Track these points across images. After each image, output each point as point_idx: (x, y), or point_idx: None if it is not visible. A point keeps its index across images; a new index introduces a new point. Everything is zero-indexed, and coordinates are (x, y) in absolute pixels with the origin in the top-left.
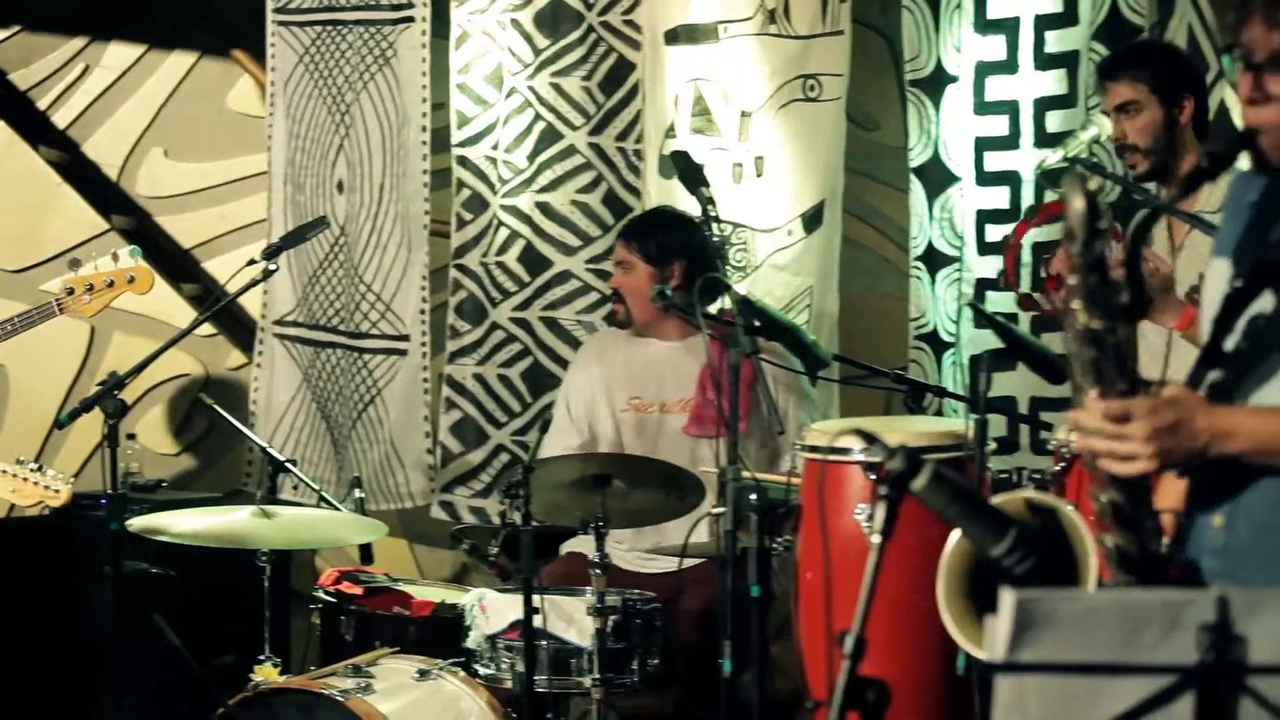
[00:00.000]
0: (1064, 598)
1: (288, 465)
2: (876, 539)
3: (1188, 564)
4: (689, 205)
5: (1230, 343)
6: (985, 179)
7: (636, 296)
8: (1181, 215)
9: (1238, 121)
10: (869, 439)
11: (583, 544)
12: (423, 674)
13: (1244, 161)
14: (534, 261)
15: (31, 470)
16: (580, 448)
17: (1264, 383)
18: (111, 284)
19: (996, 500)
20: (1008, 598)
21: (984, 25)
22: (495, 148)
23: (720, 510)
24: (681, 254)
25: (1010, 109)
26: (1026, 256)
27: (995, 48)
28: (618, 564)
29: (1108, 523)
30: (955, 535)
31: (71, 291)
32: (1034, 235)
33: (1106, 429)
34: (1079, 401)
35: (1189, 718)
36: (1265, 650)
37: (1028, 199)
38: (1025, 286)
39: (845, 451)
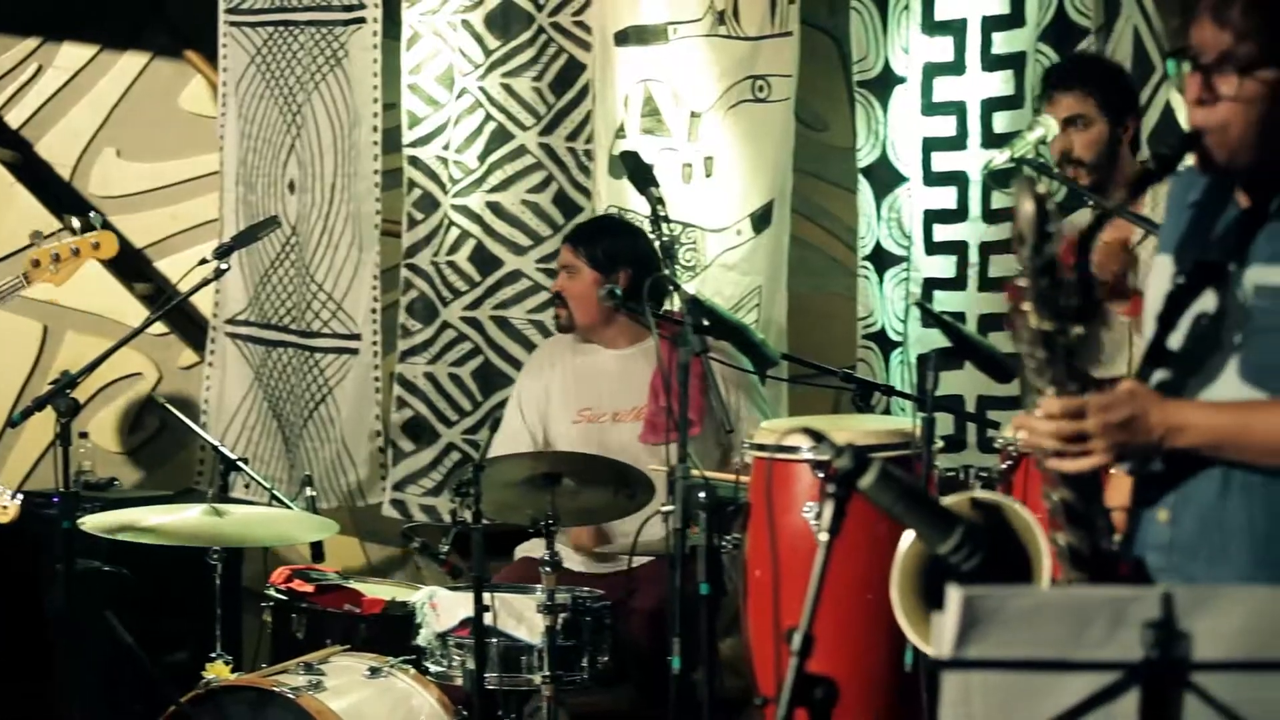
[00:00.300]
0: (1011, 594)
1: (239, 464)
2: (824, 537)
3: (1136, 561)
4: (639, 205)
5: (1174, 341)
6: (933, 179)
7: (580, 301)
8: (1130, 217)
9: (1184, 125)
10: (817, 437)
11: (536, 548)
12: (374, 671)
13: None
14: (485, 261)
15: None
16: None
17: (1210, 382)
18: (77, 251)
19: (949, 501)
20: (955, 594)
21: (931, 26)
22: (446, 148)
23: (669, 508)
24: (628, 260)
25: (958, 110)
26: (974, 257)
27: (943, 49)
28: (569, 566)
29: (1060, 521)
30: (909, 534)
31: (38, 264)
32: (981, 235)
33: (1062, 428)
34: (1030, 403)
35: (1134, 714)
36: (1209, 647)
37: (975, 199)
38: (975, 287)
39: (793, 450)
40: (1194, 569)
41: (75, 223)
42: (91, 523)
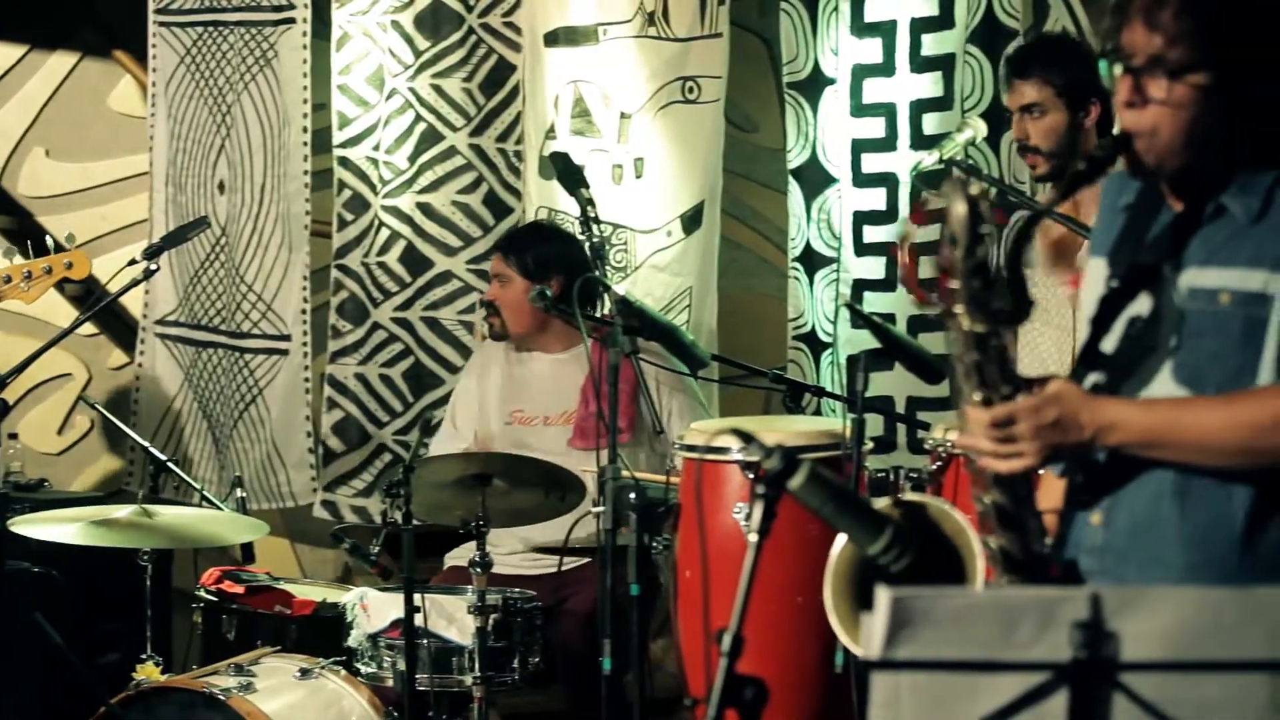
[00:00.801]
0: (940, 595)
1: (169, 464)
2: (754, 537)
3: (1068, 564)
4: (569, 206)
5: (1108, 344)
6: (862, 180)
7: (512, 310)
8: (1059, 218)
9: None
10: (746, 438)
11: (464, 557)
12: (304, 673)
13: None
14: (415, 262)
15: None
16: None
17: (1144, 384)
18: (50, 270)
19: (882, 504)
20: (883, 596)
21: (861, 28)
22: (376, 148)
23: (600, 509)
24: (560, 267)
25: (887, 111)
26: (905, 257)
27: (872, 50)
28: (500, 569)
29: (991, 524)
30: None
31: (9, 280)
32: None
33: (995, 435)
34: (962, 405)
35: (1062, 714)
36: (1138, 647)
37: (904, 200)
38: (904, 288)
39: (723, 451)
40: (1126, 572)
41: (49, 240)
42: (21, 524)
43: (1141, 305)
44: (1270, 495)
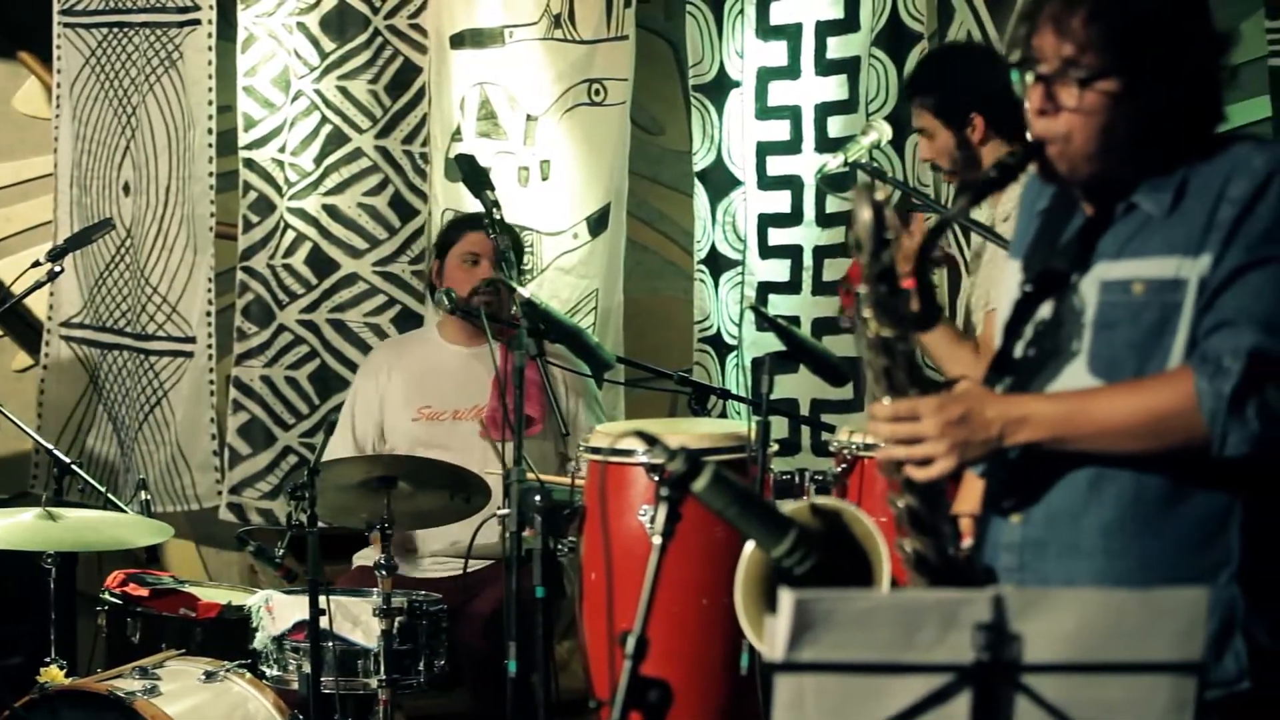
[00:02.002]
0: (842, 598)
1: (74, 467)
2: (658, 540)
3: (984, 566)
4: (475, 208)
5: (1021, 348)
6: (767, 183)
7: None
8: (969, 223)
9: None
10: (650, 441)
11: (373, 556)
12: (209, 675)
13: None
14: (321, 264)
15: None
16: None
17: (1050, 380)
18: None
19: (790, 508)
20: (786, 598)
21: (766, 31)
22: (282, 150)
23: (505, 511)
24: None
25: (792, 114)
26: (808, 261)
27: (777, 53)
28: (405, 571)
29: (906, 528)
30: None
31: None
32: (815, 239)
33: (899, 431)
34: (870, 408)
35: (965, 716)
36: (1040, 649)
37: (809, 203)
38: (809, 291)
39: (628, 453)
40: (1045, 566)
41: None
42: None
43: (1053, 309)
44: (1184, 481)
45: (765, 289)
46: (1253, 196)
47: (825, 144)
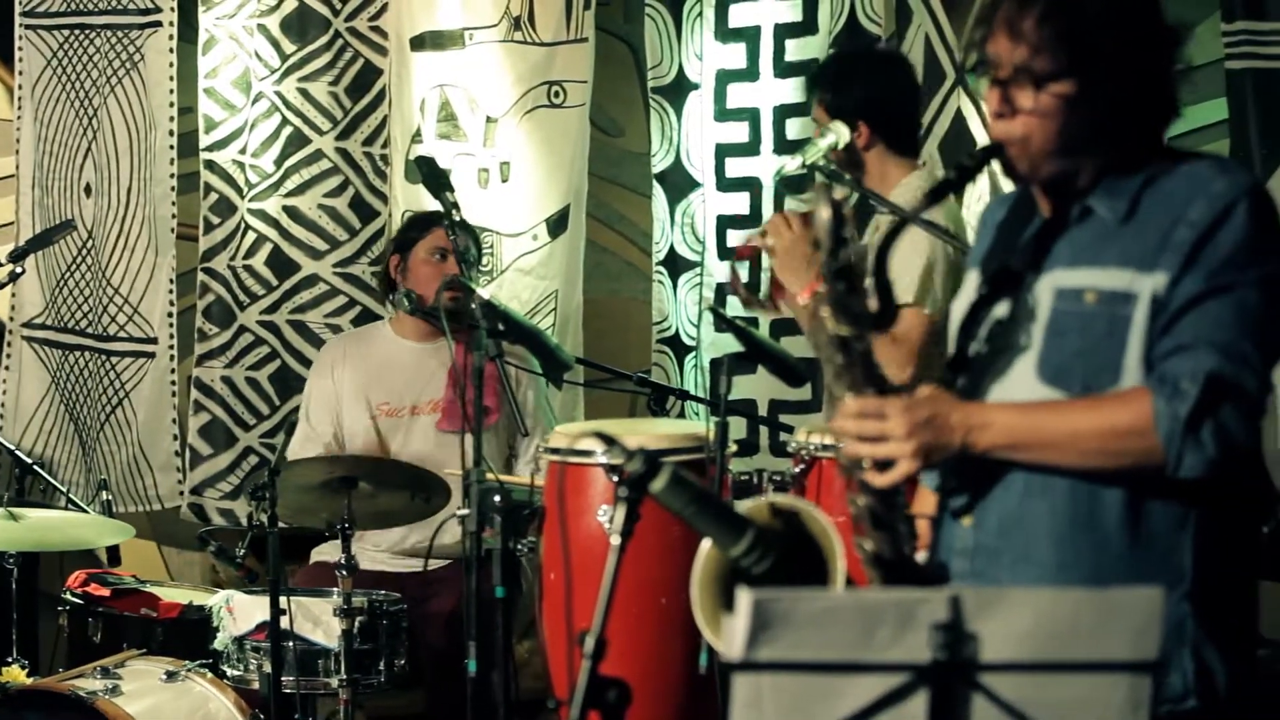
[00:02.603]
0: (800, 597)
1: (35, 467)
2: (616, 540)
3: (939, 567)
4: (435, 209)
5: (975, 349)
6: (726, 185)
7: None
8: (927, 225)
9: (975, 131)
10: (609, 441)
11: (332, 552)
12: (170, 675)
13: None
14: (281, 265)
15: None
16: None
17: (998, 380)
18: None
19: (748, 506)
20: (744, 598)
21: (725, 33)
22: (243, 152)
23: (465, 512)
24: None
25: (751, 116)
26: (767, 262)
27: (736, 55)
28: (365, 565)
29: (864, 528)
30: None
31: None
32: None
33: (865, 428)
34: (831, 411)
35: (923, 715)
36: (997, 648)
37: (768, 205)
38: (763, 294)
39: (587, 454)
40: (997, 572)
41: None
42: None
43: (1006, 309)
44: (1138, 497)
45: (724, 290)
46: (1213, 223)
47: (784, 146)
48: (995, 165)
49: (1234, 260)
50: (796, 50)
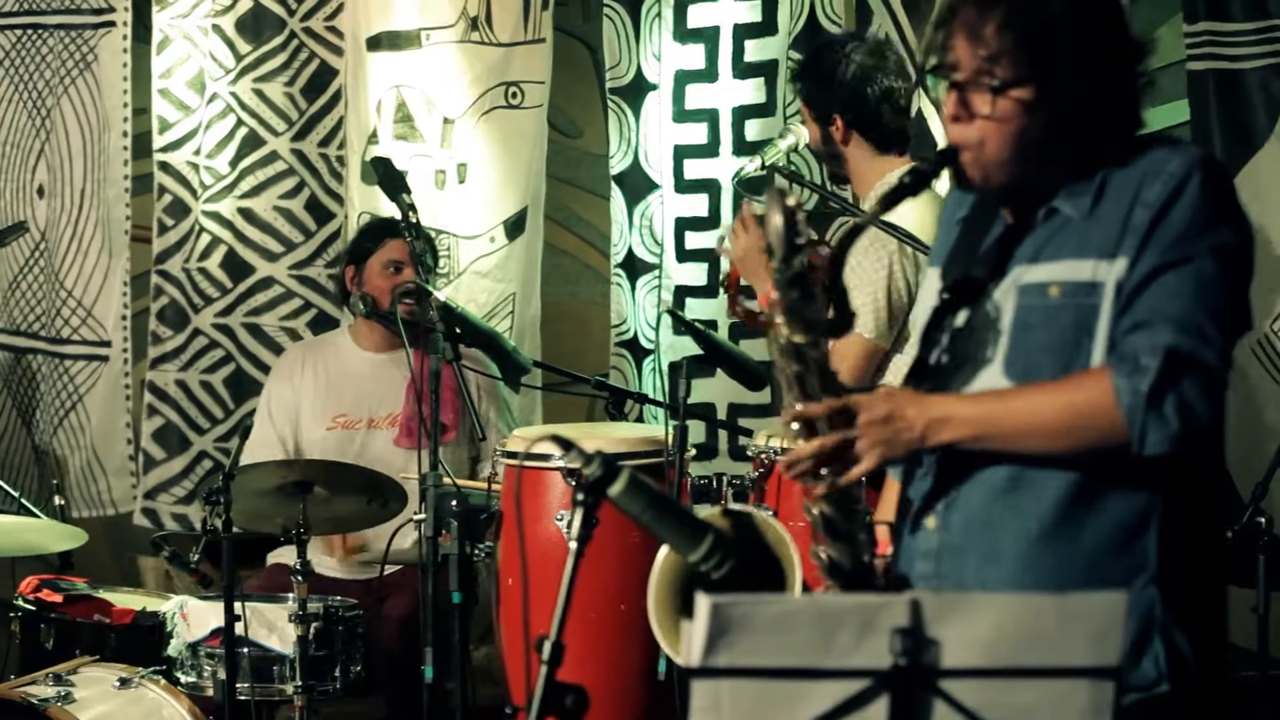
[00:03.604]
0: (759, 603)
1: None
2: (574, 545)
3: (900, 574)
4: (392, 211)
5: (938, 354)
6: (685, 187)
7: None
8: (884, 227)
9: (936, 133)
10: (566, 445)
11: (288, 555)
12: (124, 682)
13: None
14: (236, 267)
15: None
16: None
17: (966, 385)
18: None
19: (706, 514)
20: (702, 603)
21: (683, 34)
22: (197, 153)
23: (421, 516)
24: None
25: (709, 117)
26: (726, 265)
27: (694, 56)
28: (321, 571)
29: (821, 535)
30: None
31: None
32: None
33: (828, 441)
34: (786, 420)
35: None
36: (958, 654)
37: (727, 207)
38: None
39: (544, 458)
40: (963, 573)
41: None
42: None
43: (970, 315)
44: (1102, 485)
45: (682, 293)
46: (1168, 199)
47: (743, 147)
48: None
49: (1188, 233)
50: (756, 51)
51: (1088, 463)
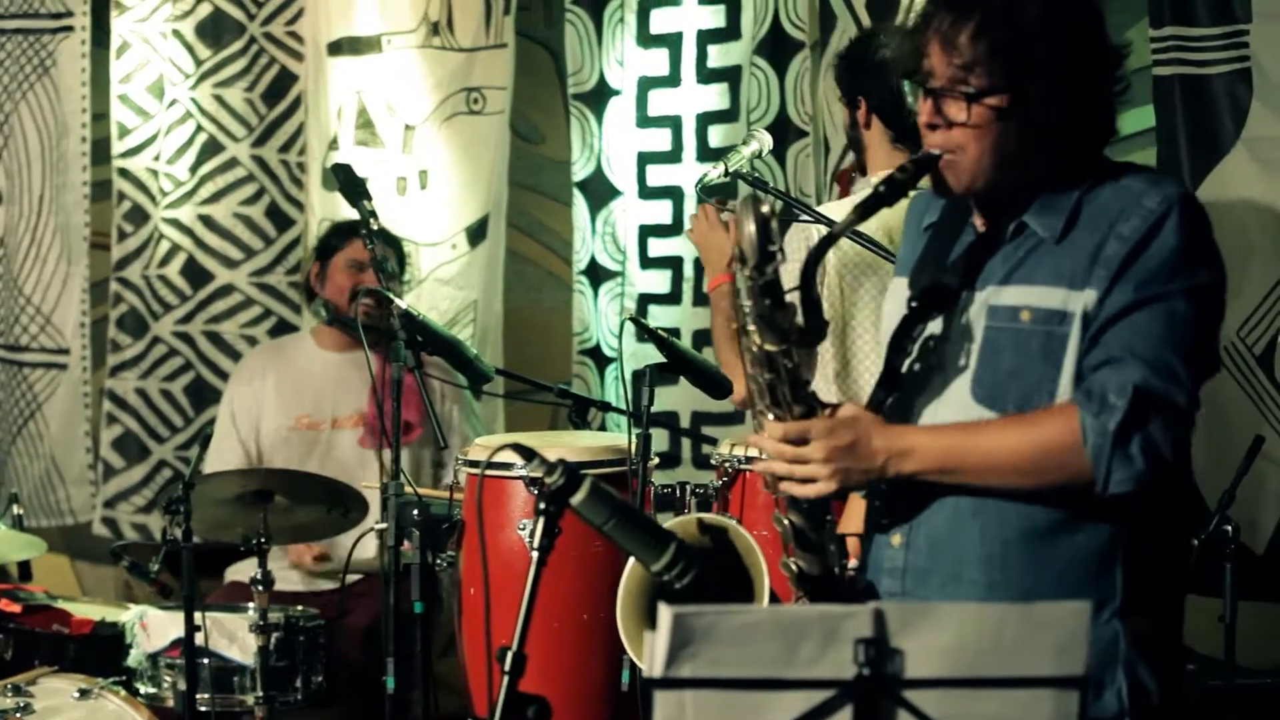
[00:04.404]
0: (722, 613)
1: None
2: (536, 554)
3: (867, 585)
4: (352, 217)
5: (907, 365)
6: (648, 193)
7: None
8: (857, 237)
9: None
10: (529, 454)
11: (245, 572)
12: (83, 693)
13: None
14: (196, 274)
15: None
16: (245, 466)
17: (941, 404)
18: None
19: (674, 523)
20: (665, 614)
21: (647, 39)
22: (157, 159)
23: (383, 526)
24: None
25: (673, 123)
26: (689, 272)
27: (658, 61)
28: (282, 585)
29: (790, 546)
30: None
31: None
32: (696, 250)
33: (785, 451)
34: (759, 424)
35: None
36: (921, 664)
37: (690, 213)
38: (690, 302)
39: (507, 466)
40: (927, 593)
41: None
42: None
43: (939, 326)
44: (1069, 515)
45: (645, 300)
46: (1145, 235)
47: (706, 153)
48: None
49: (1163, 272)
50: (719, 56)
51: (1054, 495)
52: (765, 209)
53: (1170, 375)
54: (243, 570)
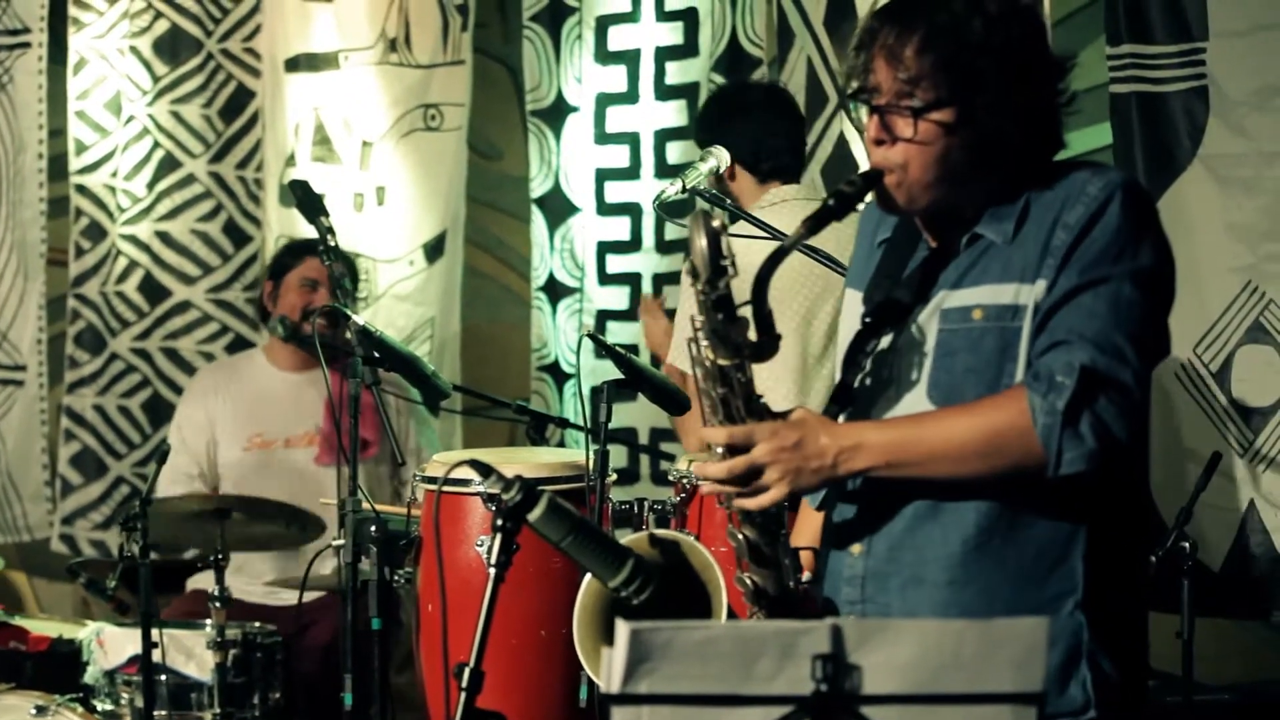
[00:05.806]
0: (679, 629)
1: None
2: (493, 570)
3: (826, 601)
4: (310, 234)
5: (861, 379)
6: (606, 209)
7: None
8: (807, 252)
9: (858, 156)
10: (486, 470)
11: (208, 581)
12: (40, 710)
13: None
14: (154, 291)
15: None
16: (198, 486)
17: (889, 409)
18: None
19: (630, 540)
20: (622, 629)
21: (605, 56)
22: (114, 175)
23: (340, 542)
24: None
25: (631, 140)
26: (647, 288)
27: (616, 78)
28: (241, 597)
29: (745, 561)
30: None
31: None
32: (655, 266)
33: (736, 465)
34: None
35: None
36: (879, 680)
37: (649, 230)
38: None
39: (464, 483)
40: (888, 597)
41: None
42: None
43: (894, 340)
44: (1026, 509)
45: (604, 316)
46: (1088, 221)
47: (664, 170)
48: None
49: (1107, 255)
50: (677, 73)
51: (1011, 486)
52: (716, 223)
53: (1117, 355)
54: (205, 579)
